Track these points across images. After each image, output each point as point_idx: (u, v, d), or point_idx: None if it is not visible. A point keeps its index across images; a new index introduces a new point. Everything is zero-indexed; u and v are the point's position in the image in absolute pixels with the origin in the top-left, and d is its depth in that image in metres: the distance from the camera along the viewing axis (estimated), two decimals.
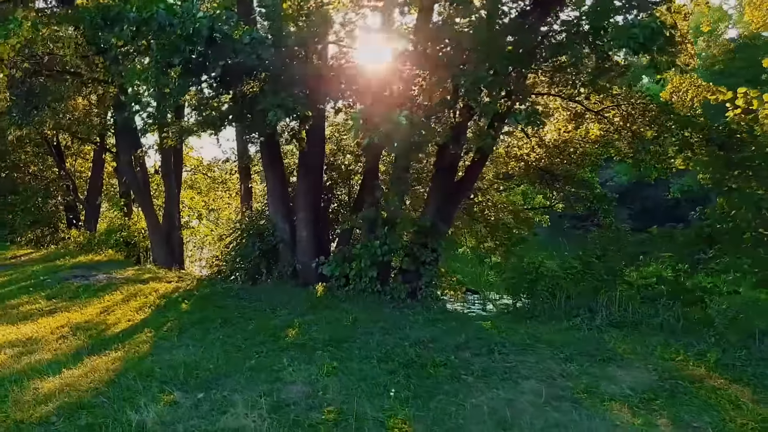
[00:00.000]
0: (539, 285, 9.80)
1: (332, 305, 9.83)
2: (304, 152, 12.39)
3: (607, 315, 8.62)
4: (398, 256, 10.76)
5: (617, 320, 8.44)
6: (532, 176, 14.50)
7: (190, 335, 7.85)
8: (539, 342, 7.47)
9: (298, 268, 12.18)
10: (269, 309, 9.52)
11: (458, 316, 9.23)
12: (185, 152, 20.18)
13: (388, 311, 9.41)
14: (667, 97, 11.95)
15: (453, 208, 12.11)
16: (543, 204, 16.44)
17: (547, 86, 10.62)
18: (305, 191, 12.56)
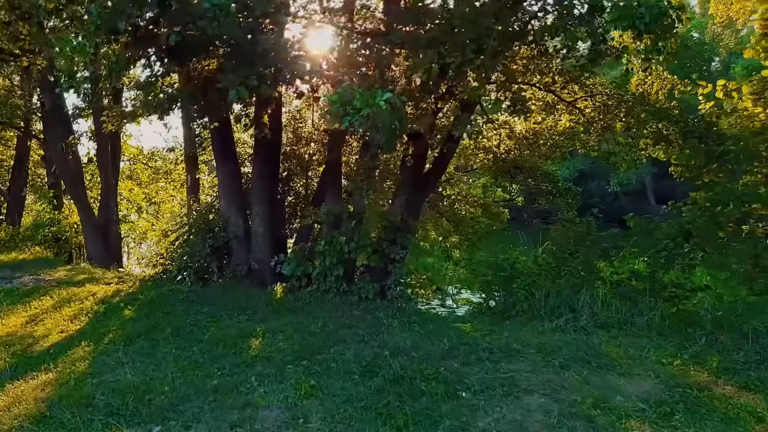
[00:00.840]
0: (515, 283, 9.28)
1: (295, 309, 9.00)
2: (260, 140, 11.42)
3: (591, 315, 8.21)
4: (365, 253, 10.01)
5: (602, 320, 8.03)
6: (494, 169, 14.05)
7: (137, 349, 6.85)
8: (527, 347, 6.92)
9: (254, 267, 11.25)
10: (225, 314, 8.58)
11: (433, 318, 8.60)
12: (123, 140, 18.65)
13: (358, 314, 8.66)
14: (634, 89, 11.71)
15: (421, 201, 11.47)
16: (502, 197, 16.06)
17: (521, 75, 10.09)
18: (261, 183, 11.60)
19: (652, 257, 9.52)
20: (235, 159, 12.14)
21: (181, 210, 15.89)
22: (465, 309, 11.39)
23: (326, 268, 9.97)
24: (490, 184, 15.27)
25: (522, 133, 12.67)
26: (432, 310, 9.61)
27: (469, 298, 13.62)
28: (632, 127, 10.49)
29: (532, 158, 12.97)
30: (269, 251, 11.38)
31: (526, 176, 13.93)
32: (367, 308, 9.09)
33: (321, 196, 12.27)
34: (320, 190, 12.40)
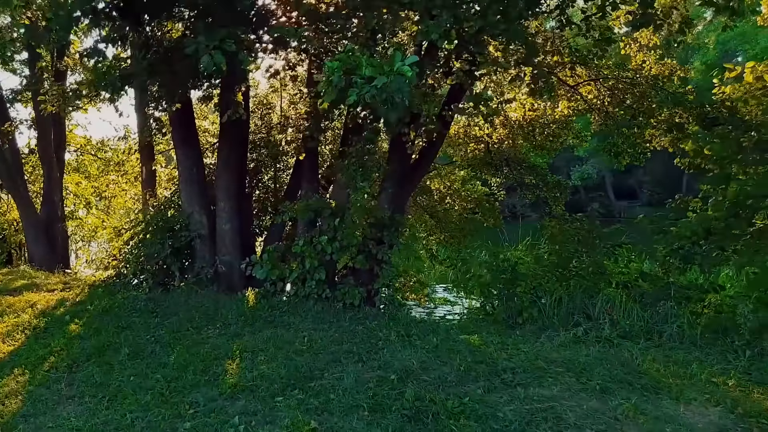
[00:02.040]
0: (520, 286, 8.35)
1: (273, 319, 7.82)
2: (226, 127, 10.12)
3: (611, 323, 7.33)
4: (350, 254, 8.89)
5: (624, 329, 7.16)
6: (477, 161, 13.11)
7: (85, 377, 5.56)
8: (552, 364, 5.96)
9: (220, 270, 9.97)
10: (192, 328, 7.34)
11: (433, 328, 7.56)
12: (68, 128, 16.88)
13: (346, 325, 7.54)
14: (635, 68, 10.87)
15: (408, 194, 10.42)
16: (483, 192, 15.11)
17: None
18: (227, 175, 10.31)
19: (667, 257, 8.73)
20: (197, 148, 10.80)
21: (135, 205, 14.34)
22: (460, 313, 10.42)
23: (305, 272, 8.81)
24: (470, 177, 14.31)
25: (519, 120, 11.72)
26: (427, 317, 8.59)
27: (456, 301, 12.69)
28: (639, 114, 9.65)
29: (524, 148, 12.05)
30: (238, 252, 10.12)
31: (513, 169, 13.03)
32: (355, 317, 7.98)
33: (294, 190, 11.06)
34: (294, 183, 11.19)
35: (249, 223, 11.42)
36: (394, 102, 4.19)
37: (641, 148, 10.81)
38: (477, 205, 13.00)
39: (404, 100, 4.34)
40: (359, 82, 4.26)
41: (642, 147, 10.78)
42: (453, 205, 13.10)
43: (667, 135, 9.41)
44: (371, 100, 4.20)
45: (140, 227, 10.71)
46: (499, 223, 13.27)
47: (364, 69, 4.29)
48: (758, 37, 41.84)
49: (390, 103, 4.27)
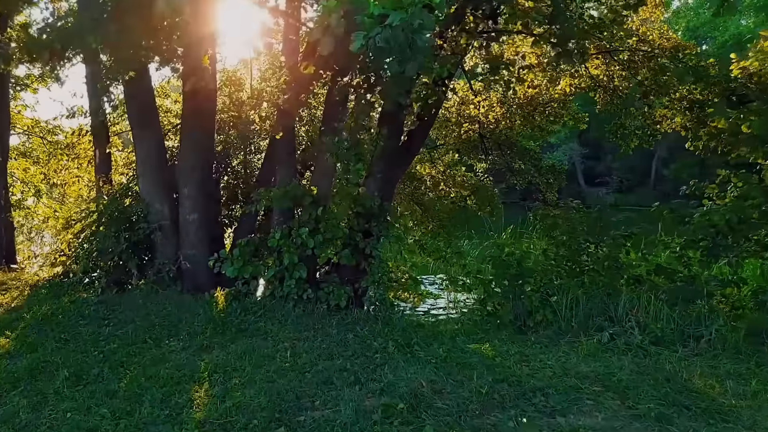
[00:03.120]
0: (529, 284, 7.37)
1: (247, 326, 6.69)
2: (191, 104, 8.89)
3: (640, 327, 6.40)
4: (334, 248, 7.80)
5: (655, 334, 6.23)
6: (464, 144, 12.09)
7: (9, 413, 4.36)
8: (586, 380, 5.02)
9: (185, 267, 8.75)
10: (151, 339, 6.15)
11: (435, 334, 6.54)
12: (14, 109, 15.23)
13: (334, 332, 6.46)
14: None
15: (397, 180, 9.35)
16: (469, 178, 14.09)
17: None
18: (191, 158, 9.05)
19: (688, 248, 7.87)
20: (157, 127, 9.49)
21: (90, 194, 12.90)
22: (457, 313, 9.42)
23: (283, 269, 7.67)
24: (455, 162, 13.28)
25: (519, 98, 10.68)
26: (425, 320, 7.56)
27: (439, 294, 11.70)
28: (651, 92, 8.72)
29: (518, 129, 11.04)
30: (204, 246, 8.91)
31: (504, 153, 12.05)
32: (343, 322, 6.90)
33: (268, 175, 9.86)
34: (267, 167, 9.98)
35: (217, 213, 10.20)
36: (415, 46, 3.09)
37: (651, 129, 9.92)
38: (473, 192, 11.98)
39: (428, 44, 3.26)
40: (367, 22, 3.15)
41: (652, 128, 9.88)
42: (448, 192, 12.06)
43: (687, 114, 8.50)
44: (384, 44, 3.09)
45: (92, 218, 9.36)
46: (498, 212, 12.32)
47: (371, 5, 3.18)
48: (727, 24, 41.95)
49: (410, 48, 3.17)
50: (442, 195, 11.95)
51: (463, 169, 14.16)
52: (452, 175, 12.32)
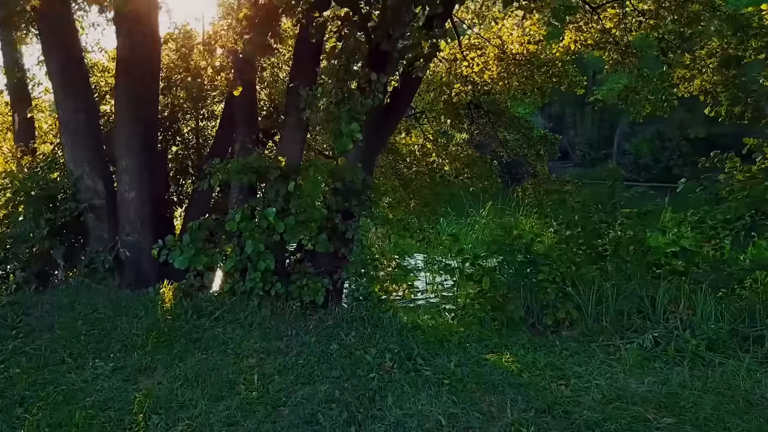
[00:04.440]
0: (542, 273, 6.14)
1: (200, 333, 5.27)
2: (128, 59, 7.26)
3: (685, 326, 5.27)
4: (309, 231, 6.40)
5: (706, 335, 5.08)
6: (450, 111, 10.74)
7: None
8: (650, 405, 3.91)
9: (124, 257, 7.22)
10: (71, 357, 4.69)
11: (439, 340, 5.24)
12: None
13: (312, 340, 5.10)
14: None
15: (379, 150, 7.96)
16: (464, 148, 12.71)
17: None
18: (130, 124, 7.43)
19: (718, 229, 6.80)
20: (86, 85, 7.81)
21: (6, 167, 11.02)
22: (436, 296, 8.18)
23: (245, 258, 6.24)
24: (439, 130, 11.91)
25: (520, 54, 9.30)
26: (421, 321, 6.26)
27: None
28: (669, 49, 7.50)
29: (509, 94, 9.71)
30: (148, 230, 7.39)
31: (493, 120, 10.77)
32: (323, 324, 5.55)
33: (224, 144, 8.32)
34: (223, 135, 8.42)
35: (163, 189, 8.62)
36: None
37: (666, 94, 8.74)
38: (467, 164, 10.63)
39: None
40: None
41: (668, 92, 8.71)
42: (441, 164, 10.68)
43: (715, 74, 7.33)
44: None
45: (7, 196, 7.66)
46: (497, 186, 11.05)
47: None
48: None
49: None
50: (433, 168, 10.58)
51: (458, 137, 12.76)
52: (444, 145, 10.97)
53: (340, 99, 4.78)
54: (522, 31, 9.00)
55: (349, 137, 4.65)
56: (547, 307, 6.04)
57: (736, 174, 7.27)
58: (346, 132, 4.61)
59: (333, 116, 4.69)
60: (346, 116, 4.62)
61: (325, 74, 5.27)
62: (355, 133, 4.62)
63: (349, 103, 4.75)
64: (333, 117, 4.69)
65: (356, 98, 4.77)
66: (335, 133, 4.71)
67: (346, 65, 4.92)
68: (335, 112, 4.66)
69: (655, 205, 8.08)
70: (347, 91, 4.80)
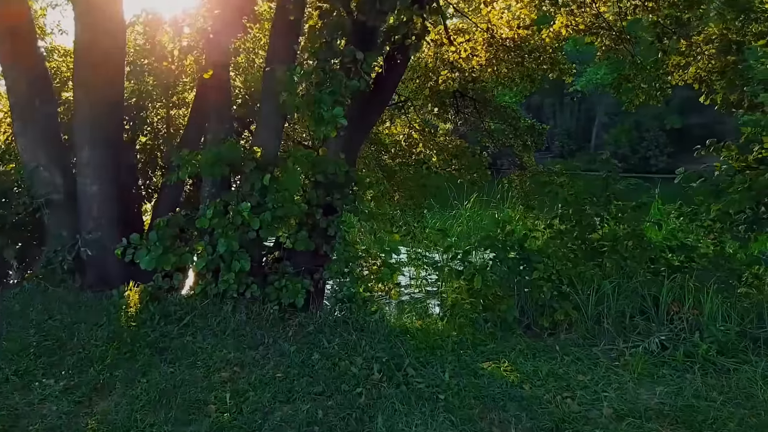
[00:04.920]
0: (537, 271, 5.75)
1: (167, 342, 4.79)
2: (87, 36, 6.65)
3: (691, 327, 4.93)
4: (286, 228, 5.93)
5: (715, 337, 4.74)
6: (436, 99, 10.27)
7: None
8: (665, 420, 3.55)
9: (85, 256, 6.64)
10: (16, 375, 4.16)
11: (430, 346, 4.82)
12: None
13: (292, 350, 4.65)
14: None
15: (362, 138, 7.49)
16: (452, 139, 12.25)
17: None
18: (92, 111, 6.82)
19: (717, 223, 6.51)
20: (41, 66, 7.16)
21: None
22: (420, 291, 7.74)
23: (218, 258, 5.73)
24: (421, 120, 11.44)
25: (510, 39, 8.82)
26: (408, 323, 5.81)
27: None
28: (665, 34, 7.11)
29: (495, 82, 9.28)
30: (112, 226, 6.82)
31: (479, 109, 10.34)
32: (303, 331, 5.10)
33: (196, 133, 7.73)
34: (195, 123, 7.82)
35: (130, 182, 8.02)
36: None
37: (660, 82, 8.39)
38: (456, 155, 10.16)
39: None
40: None
41: (662, 80, 8.35)
42: (429, 155, 10.20)
43: (723, 57, 6.99)
44: None
45: None
46: (486, 178, 10.62)
47: None
48: None
49: None
50: (419, 159, 10.09)
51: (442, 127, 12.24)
52: (432, 135, 10.49)
53: (321, 80, 4.27)
54: (512, 14, 8.56)
55: (332, 123, 4.14)
56: (542, 308, 5.67)
57: (732, 163, 6.99)
58: (329, 117, 4.10)
59: (313, 99, 4.17)
60: (329, 99, 4.10)
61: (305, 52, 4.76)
62: (338, 118, 4.12)
63: (332, 84, 4.24)
64: (313, 100, 4.18)
65: (340, 79, 4.27)
66: (316, 119, 4.20)
67: (328, 43, 4.40)
68: (316, 95, 4.14)
69: (650, 198, 7.77)
70: (330, 71, 4.29)
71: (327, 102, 4.09)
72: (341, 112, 4.16)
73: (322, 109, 4.08)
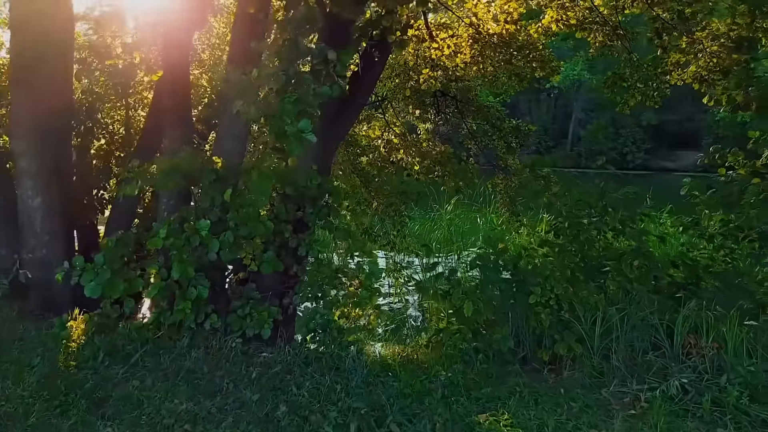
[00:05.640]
0: (534, 295, 5.14)
1: (111, 388, 4.09)
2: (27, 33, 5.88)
3: (713, 365, 4.36)
4: (251, 249, 5.23)
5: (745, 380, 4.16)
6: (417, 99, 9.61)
7: None
8: None
9: (24, 278, 5.87)
10: None
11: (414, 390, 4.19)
12: None
13: (256, 398, 3.97)
14: None
15: (336, 145, 6.82)
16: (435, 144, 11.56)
17: None
18: (33, 112, 6.05)
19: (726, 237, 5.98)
20: None
21: None
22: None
23: (173, 283, 5.03)
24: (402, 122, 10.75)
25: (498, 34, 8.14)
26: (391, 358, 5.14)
27: None
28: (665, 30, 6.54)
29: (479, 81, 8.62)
30: (59, 244, 6.09)
31: (462, 109, 9.72)
32: (269, 371, 4.43)
33: (155, 139, 6.99)
34: (152, 128, 7.08)
35: (82, 193, 7.25)
36: None
37: (658, 82, 7.83)
38: (439, 163, 9.44)
39: None
40: None
41: (660, 80, 7.79)
42: (411, 163, 9.50)
43: (731, 55, 6.44)
44: None
45: None
46: (473, 187, 9.97)
47: None
48: None
49: None
50: (399, 166, 9.39)
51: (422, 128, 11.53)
52: (413, 140, 9.79)
53: (283, 85, 3.54)
54: (499, 8, 7.92)
55: (297, 139, 3.42)
56: (540, 337, 5.08)
57: (739, 169, 6.50)
58: (293, 131, 3.38)
59: (274, 109, 3.44)
60: (292, 109, 3.38)
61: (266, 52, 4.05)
62: (305, 134, 3.40)
63: (297, 90, 3.52)
64: (274, 110, 3.44)
65: (307, 84, 3.54)
66: (276, 133, 3.47)
67: (293, 40, 3.67)
68: (279, 105, 3.41)
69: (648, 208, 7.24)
70: (294, 75, 3.57)
71: (290, 113, 3.37)
72: (308, 126, 3.44)
73: (284, 121, 3.36)
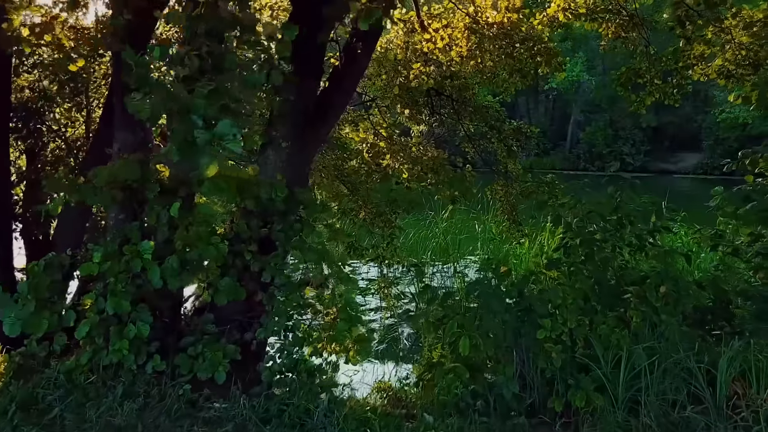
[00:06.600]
0: (543, 330, 4.28)
1: None
2: None
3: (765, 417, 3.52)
4: (205, 275, 4.38)
5: None
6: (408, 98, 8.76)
7: None
8: None
9: None
10: None
11: None
12: None
13: None
14: None
15: (314, 150, 5.96)
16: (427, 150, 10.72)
17: None
18: None
19: None
20: None
21: None
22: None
23: (108, 318, 4.17)
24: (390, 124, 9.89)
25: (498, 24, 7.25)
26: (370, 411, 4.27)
27: None
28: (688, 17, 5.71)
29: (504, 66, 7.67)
30: None
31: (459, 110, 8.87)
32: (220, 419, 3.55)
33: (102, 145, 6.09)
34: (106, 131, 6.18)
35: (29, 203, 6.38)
36: None
37: (679, 78, 6.96)
38: (432, 170, 8.54)
39: None
40: None
41: (681, 75, 6.93)
42: (401, 171, 8.58)
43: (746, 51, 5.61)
44: None
45: None
46: (471, 197, 9.08)
47: None
48: None
49: None
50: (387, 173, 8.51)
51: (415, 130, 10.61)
52: (405, 145, 8.88)
53: (194, 69, 2.48)
54: None
55: (207, 153, 2.39)
56: (551, 381, 4.22)
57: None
58: (202, 140, 2.35)
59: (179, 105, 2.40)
60: (203, 105, 2.33)
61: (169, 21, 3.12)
62: (229, 142, 2.39)
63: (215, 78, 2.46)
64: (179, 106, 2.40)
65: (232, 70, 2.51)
66: (179, 144, 2.46)
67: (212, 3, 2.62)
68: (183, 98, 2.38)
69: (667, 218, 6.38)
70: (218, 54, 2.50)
71: (200, 109, 2.32)
72: (230, 129, 2.41)
73: (188, 123, 2.34)
